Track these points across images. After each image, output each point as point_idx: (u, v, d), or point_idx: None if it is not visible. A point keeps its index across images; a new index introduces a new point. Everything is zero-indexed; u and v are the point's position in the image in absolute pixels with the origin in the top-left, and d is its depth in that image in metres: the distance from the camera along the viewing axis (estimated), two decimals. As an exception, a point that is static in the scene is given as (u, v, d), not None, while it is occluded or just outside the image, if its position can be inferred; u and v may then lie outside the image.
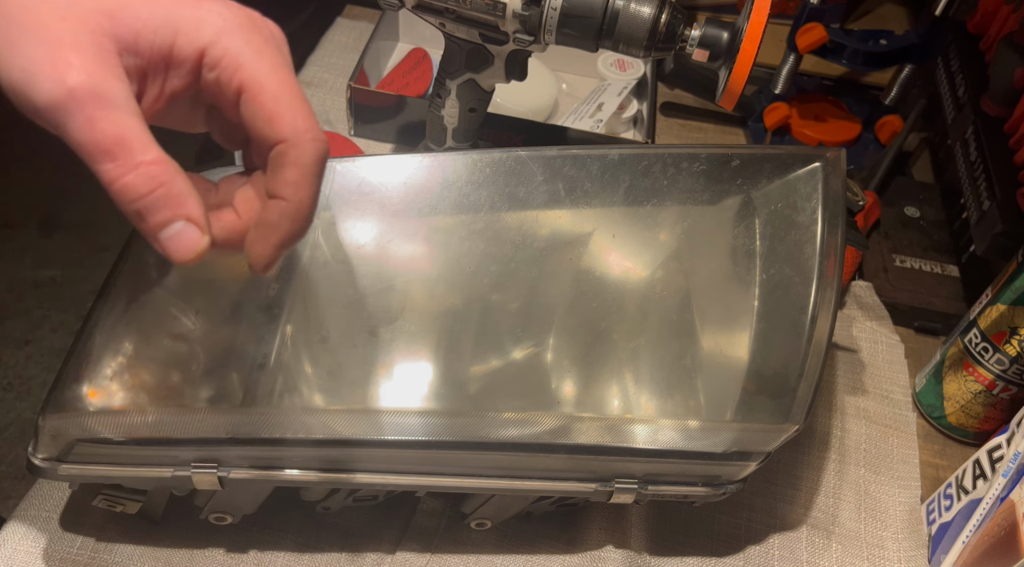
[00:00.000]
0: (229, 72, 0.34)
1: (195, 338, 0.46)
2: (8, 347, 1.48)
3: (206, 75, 0.34)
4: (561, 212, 0.52)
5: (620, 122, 0.83)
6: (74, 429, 0.43)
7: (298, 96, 0.34)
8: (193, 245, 0.33)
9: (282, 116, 0.34)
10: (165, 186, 0.32)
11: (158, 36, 0.33)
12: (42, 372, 1.45)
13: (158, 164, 0.32)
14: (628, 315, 0.50)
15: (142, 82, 0.33)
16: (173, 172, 0.32)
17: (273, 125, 0.34)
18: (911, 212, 0.78)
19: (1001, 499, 0.49)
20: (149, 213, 0.32)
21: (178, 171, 0.33)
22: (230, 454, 0.45)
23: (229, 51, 0.33)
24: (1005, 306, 0.56)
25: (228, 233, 0.35)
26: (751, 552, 0.55)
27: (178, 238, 0.33)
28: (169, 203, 0.32)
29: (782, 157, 0.51)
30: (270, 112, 0.34)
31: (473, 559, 0.53)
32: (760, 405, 0.47)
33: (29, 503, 0.52)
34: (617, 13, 0.53)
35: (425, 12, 0.58)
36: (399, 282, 0.50)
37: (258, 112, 0.34)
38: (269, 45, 0.35)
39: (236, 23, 0.34)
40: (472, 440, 0.45)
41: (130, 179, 0.31)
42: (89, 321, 0.46)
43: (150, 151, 0.32)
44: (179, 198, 0.32)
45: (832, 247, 0.48)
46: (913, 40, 0.79)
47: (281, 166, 0.34)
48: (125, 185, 0.31)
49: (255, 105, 0.34)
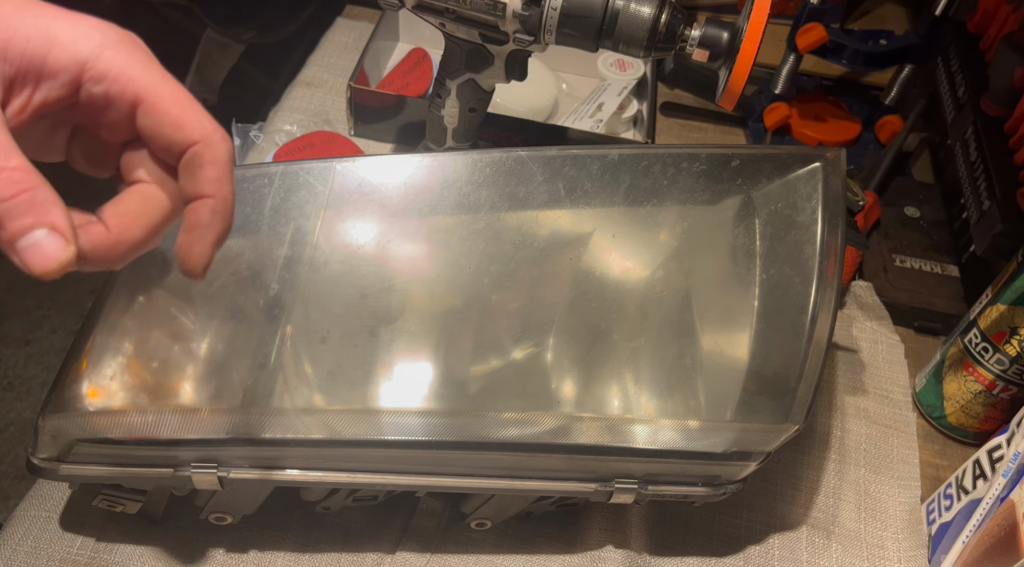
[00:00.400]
0: (120, 84, 0.33)
1: (195, 338, 0.46)
2: (8, 347, 1.48)
3: (91, 89, 0.34)
4: (561, 212, 0.52)
5: (620, 122, 0.83)
6: (74, 429, 0.43)
7: (195, 102, 0.35)
8: (56, 255, 0.31)
9: (188, 120, 0.34)
10: (29, 193, 0.30)
11: (30, 44, 0.32)
12: (42, 372, 1.45)
13: (21, 170, 0.30)
14: (628, 315, 0.50)
15: (7, 91, 0.32)
16: (38, 181, 0.31)
17: (182, 129, 0.34)
18: (911, 212, 0.78)
19: (1001, 499, 0.49)
20: (8, 219, 0.30)
21: (44, 182, 0.31)
22: (230, 454, 0.45)
23: (115, 64, 0.33)
24: (1005, 306, 0.56)
25: (96, 245, 0.34)
26: (751, 552, 0.55)
27: (39, 247, 0.30)
28: (32, 209, 0.30)
29: (782, 157, 0.51)
30: (176, 118, 0.34)
31: (473, 559, 0.53)
32: (760, 405, 0.47)
33: (29, 503, 0.52)
34: (617, 13, 0.53)
35: (425, 12, 0.58)
36: (399, 282, 0.50)
37: (163, 120, 0.34)
38: (151, 58, 0.35)
39: (116, 38, 0.34)
40: (472, 440, 0.45)
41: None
42: (89, 321, 0.46)
43: (13, 158, 0.30)
44: (43, 205, 0.30)
45: (832, 247, 0.48)
46: (913, 40, 0.79)
47: (199, 167, 0.35)
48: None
49: (157, 114, 0.34)
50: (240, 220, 0.49)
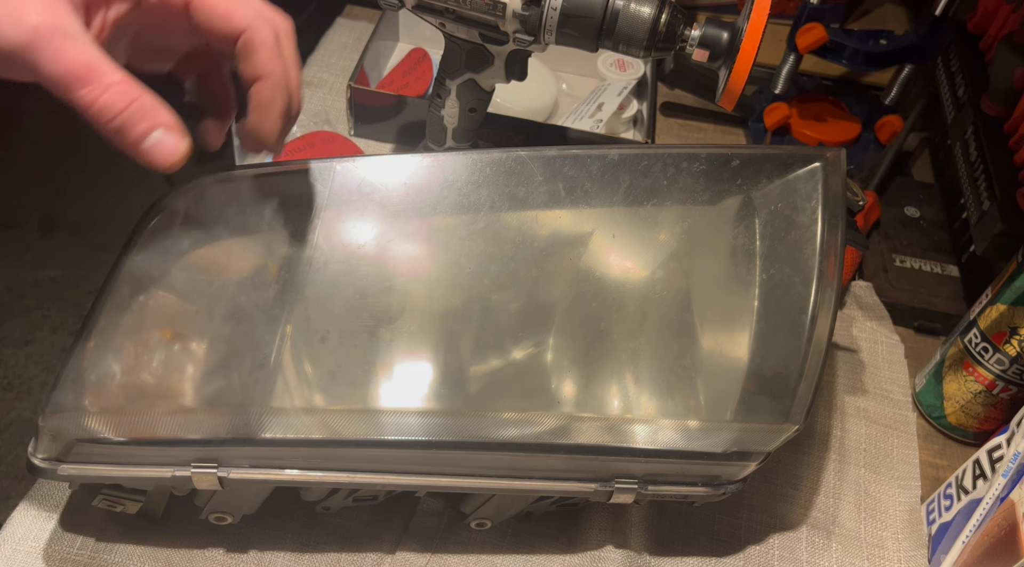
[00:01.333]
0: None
1: (195, 338, 0.46)
2: (8, 347, 1.48)
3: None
4: (561, 212, 0.52)
5: (620, 122, 0.83)
6: (74, 429, 0.43)
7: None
8: (174, 149, 0.36)
9: (235, 10, 0.38)
10: (138, 101, 0.35)
11: None
12: (42, 372, 1.45)
13: (127, 82, 0.34)
14: (628, 315, 0.50)
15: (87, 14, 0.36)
16: (142, 89, 0.35)
17: (231, 20, 0.38)
18: (911, 212, 0.78)
19: (1001, 499, 0.49)
20: (129, 127, 0.35)
21: (146, 89, 0.35)
22: (230, 454, 0.45)
23: None
24: (1005, 306, 0.56)
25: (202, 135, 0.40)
26: (751, 552, 0.55)
27: (159, 146, 0.35)
28: (145, 115, 0.35)
29: (782, 157, 0.51)
30: (224, 10, 0.38)
31: (473, 559, 0.53)
32: (760, 405, 0.47)
33: (29, 503, 0.52)
34: (617, 13, 0.53)
35: (425, 12, 0.58)
36: (399, 282, 0.50)
37: (212, 14, 0.38)
38: None
39: None
40: (472, 440, 0.45)
41: (106, 99, 0.34)
42: (89, 321, 0.46)
43: (116, 73, 0.34)
44: (153, 110, 0.35)
45: (832, 247, 0.48)
46: (913, 40, 0.79)
47: (251, 51, 0.38)
48: (103, 105, 0.34)
49: (206, 9, 0.38)
50: (240, 220, 0.49)
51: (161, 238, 0.48)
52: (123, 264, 0.47)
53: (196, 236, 0.48)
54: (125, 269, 0.47)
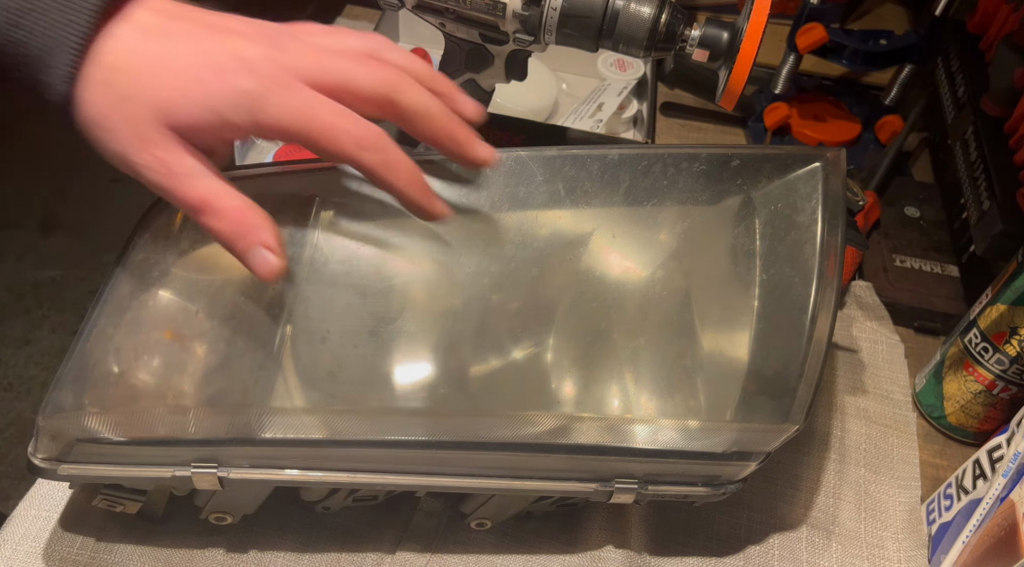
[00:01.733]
0: None
1: (195, 338, 0.46)
2: (8, 347, 1.48)
3: None
4: (561, 212, 0.52)
5: (620, 122, 0.83)
6: (74, 429, 0.43)
7: None
8: (271, 266, 0.41)
9: None
10: (243, 224, 0.41)
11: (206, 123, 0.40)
12: (42, 372, 1.45)
13: (237, 210, 0.41)
14: (628, 315, 0.50)
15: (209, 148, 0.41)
16: (249, 212, 0.41)
17: None
18: (911, 212, 0.78)
19: (1001, 499, 0.49)
20: (235, 243, 0.41)
21: (254, 209, 0.41)
22: (230, 454, 0.45)
23: None
24: (1005, 306, 0.56)
25: None
26: (751, 552, 0.55)
27: (259, 260, 0.41)
28: (249, 233, 0.41)
29: (782, 157, 0.51)
30: None
31: (473, 559, 0.53)
32: (760, 405, 0.47)
33: (29, 503, 0.52)
34: (617, 13, 0.53)
35: (425, 12, 0.58)
36: (399, 282, 0.50)
37: None
38: None
39: None
40: (472, 440, 0.45)
41: (219, 225, 0.41)
42: (89, 321, 0.46)
43: (230, 200, 0.41)
44: (257, 230, 0.41)
45: (832, 247, 0.48)
46: (913, 40, 0.79)
47: None
48: (217, 230, 0.41)
49: None
50: (240, 220, 0.49)
51: (161, 238, 0.48)
52: (123, 264, 0.47)
53: (196, 236, 0.48)
54: (125, 269, 0.47)
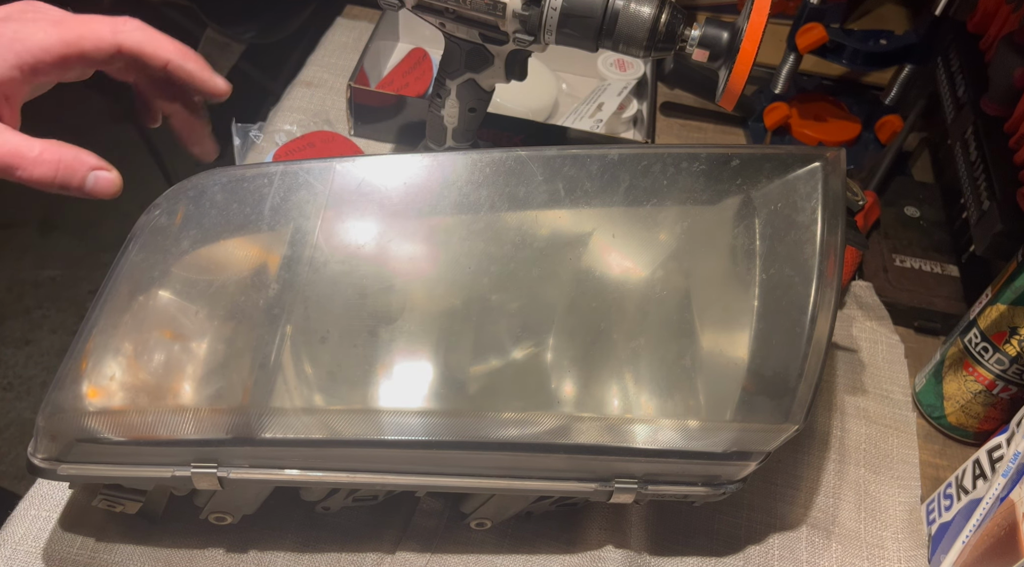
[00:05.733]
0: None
1: (195, 338, 0.46)
2: (8, 347, 1.48)
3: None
4: (561, 212, 0.51)
5: (620, 122, 0.83)
6: (74, 429, 0.43)
7: None
8: (111, 182, 0.42)
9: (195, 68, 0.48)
10: (62, 161, 0.41)
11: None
12: (42, 372, 1.45)
13: (49, 152, 0.40)
14: (628, 315, 0.50)
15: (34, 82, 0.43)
16: (59, 148, 0.41)
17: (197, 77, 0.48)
18: (911, 212, 0.78)
19: (1001, 499, 0.49)
20: (68, 183, 0.41)
21: (63, 144, 0.41)
22: (230, 454, 0.45)
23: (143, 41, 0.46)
24: (1005, 306, 0.56)
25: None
26: (751, 552, 0.55)
27: (98, 184, 0.42)
28: (73, 168, 0.41)
29: (782, 157, 0.51)
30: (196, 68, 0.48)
31: (473, 559, 0.53)
32: (760, 405, 0.47)
33: (29, 503, 0.52)
34: (617, 13, 0.53)
35: (425, 12, 0.58)
36: (399, 282, 0.49)
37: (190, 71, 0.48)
38: None
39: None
40: (472, 440, 0.45)
41: (40, 172, 0.40)
42: (89, 321, 0.46)
43: (35, 147, 0.40)
44: (76, 160, 0.41)
45: (832, 247, 0.48)
46: (913, 40, 0.79)
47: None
48: (38, 178, 0.40)
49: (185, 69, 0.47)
50: (240, 220, 0.49)
51: (161, 238, 0.48)
52: (123, 264, 0.47)
53: (196, 236, 0.48)
54: (125, 269, 0.47)
